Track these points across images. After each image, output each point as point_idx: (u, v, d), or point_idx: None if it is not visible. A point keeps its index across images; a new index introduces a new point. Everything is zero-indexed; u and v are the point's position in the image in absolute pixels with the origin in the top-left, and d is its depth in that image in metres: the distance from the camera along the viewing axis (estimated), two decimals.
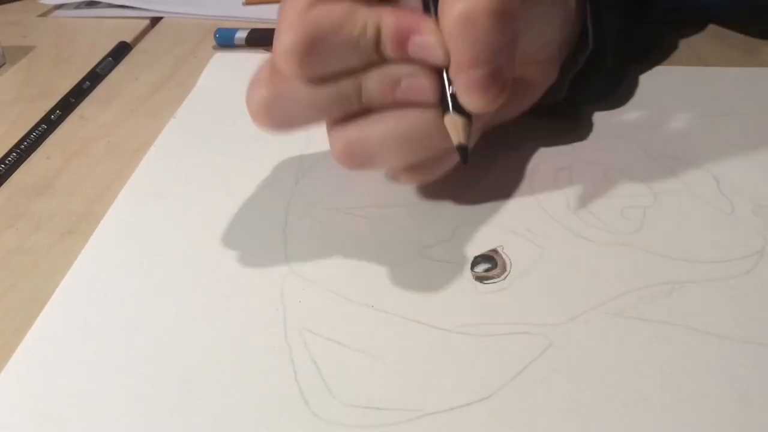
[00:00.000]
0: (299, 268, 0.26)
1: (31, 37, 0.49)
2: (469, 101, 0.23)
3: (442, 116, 0.24)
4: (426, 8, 0.24)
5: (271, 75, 0.24)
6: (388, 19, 0.23)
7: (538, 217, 0.28)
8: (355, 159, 0.25)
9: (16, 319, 0.24)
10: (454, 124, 0.24)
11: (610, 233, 0.27)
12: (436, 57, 0.23)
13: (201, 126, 0.35)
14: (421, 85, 0.24)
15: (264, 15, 0.50)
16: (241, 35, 0.45)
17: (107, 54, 0.44)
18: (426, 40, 0.23)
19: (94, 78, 0.41)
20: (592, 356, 0.22)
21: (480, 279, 0.25)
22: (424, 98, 0.24)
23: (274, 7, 0.50)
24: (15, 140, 0.35)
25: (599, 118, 0.34)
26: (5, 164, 0.33)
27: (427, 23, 0.23)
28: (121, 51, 0.45)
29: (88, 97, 0.40)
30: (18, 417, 0.21)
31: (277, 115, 0.24)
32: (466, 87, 0.23)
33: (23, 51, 0.46)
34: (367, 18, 0.23)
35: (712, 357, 0.22)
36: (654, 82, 0.38)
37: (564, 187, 0.30)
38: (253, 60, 0.40)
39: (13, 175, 0.33)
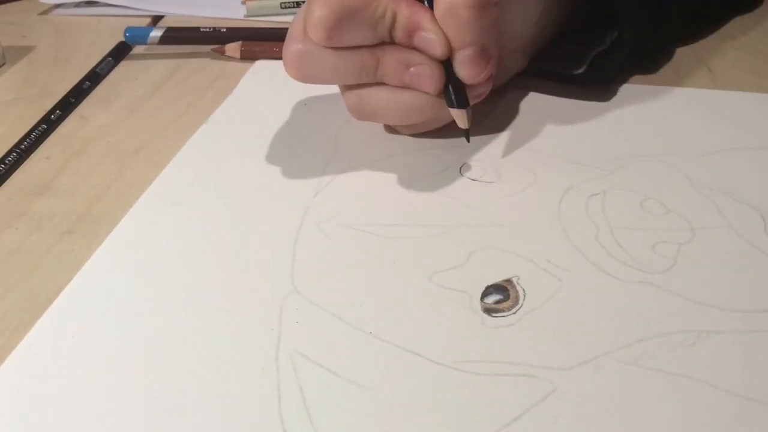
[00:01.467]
0: (303, 286, 0.25)
1: (31, 37, 0.49)
2: (464, 75, 0.29)
3: (442, 100, 0.30)
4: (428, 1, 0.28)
5: (306, 33, 0.28)
6: (403, 10, 0.28)
7: (562, 247, 0.26)
8: (362, 113, 0.31)
9: (15, 319, 0.24)
10: (458, 114, 0.30)
11: (637, 270, 0.25)
12: (435, 51, 0.28)
13: (231, 134, 0.35)
14: (426, 74, 0.28)
15: (262, 16, 0.50)
16: (156, 34, 0.44)
17: (107, 54, 0.44)
18: (429, 36, 0.28)
19: (94, 78, 0.41)
20: (597, 408, 0.20)
21: (488, 311, 0.24)
22: (426, 87, 0.29)
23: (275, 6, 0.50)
24: (15, 140, 0.35)
25: (641, 140, 0.33)
26: (5, 164, 0.33)
27: (430, 21, 0.28)
28: (121, 51, 0.45)
29: (88, 97, 0.40)
30: (15, 416, 0.21)
31: (305, 70, 0.29)
32: (460, 63, 0.28)
33: (23, 51, 0.46)
34: (387, 5, 0.27)
35: (730, 420, 0.20)
36: (706, 106, 0.35)
37: (594, 215, 0.28)
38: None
39: (13, 175, 0.33)
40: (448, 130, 0.33)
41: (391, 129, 0.34)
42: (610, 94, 0.37)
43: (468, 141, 0.31)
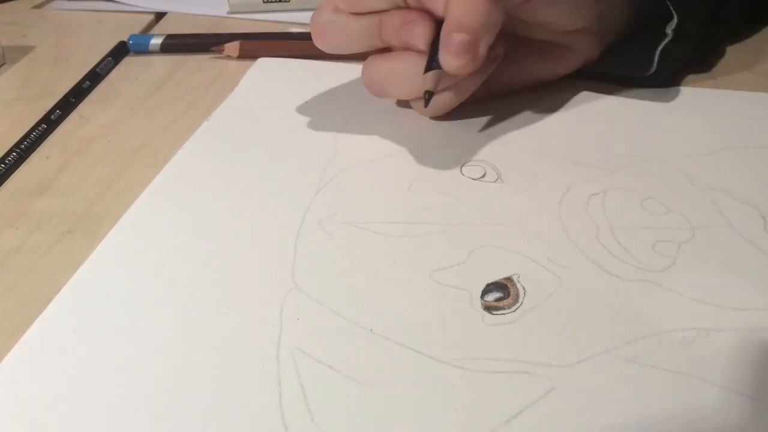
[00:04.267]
0: (304, 283, 0.25)
1: (31, 36, 0.49)
2: (444, 59, 0.29)
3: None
4: None
5: (329, 5, 0.31)
6: None
7: (562, 246, 0.26)
8: (373, 88, 0.33)
9: (15, 319, 0.24)
10: (427, 76, 0.30)
11: (637, 269, 0.25)
12: (438, 9, 0.29)
13: (233, 131, 0.35)
14: (417, 32, 0.30)
15: (257, 15, 0.50)
16: (156, 41, 0.45)
17: (107, 54, 0.44)
18: None
19: (94, 78, 0.41)
20: (596, 405, 0.20)
21: (489, 309, 0.24)
22: (416, 44, 0.30)
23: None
24: (15, 140, 0.35)
25: (641, 140, 0.33)
26: (5, 164, 0.33)
27: None
28: (121, 51, 0.45)
29: (88, 97, 0.40)
30: (15, 414, 0.21)
31: (327, 38, 0.32)
32: (445, 45, 0.29)
33: (23, 51, 0.46)
34: None
35: (729, 417, 0.20)
36: (706, 106, 0.35)
37: (595, 214, 0.28)
38: (297, 66, 0.41)
39: (13, 175, 0.33)
40: (462, 115, 0.34)
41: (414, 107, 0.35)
42: (611, 95, 0.37)
43: (425, 106, 0.31)
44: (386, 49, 0.32)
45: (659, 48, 0.34)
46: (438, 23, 0.29)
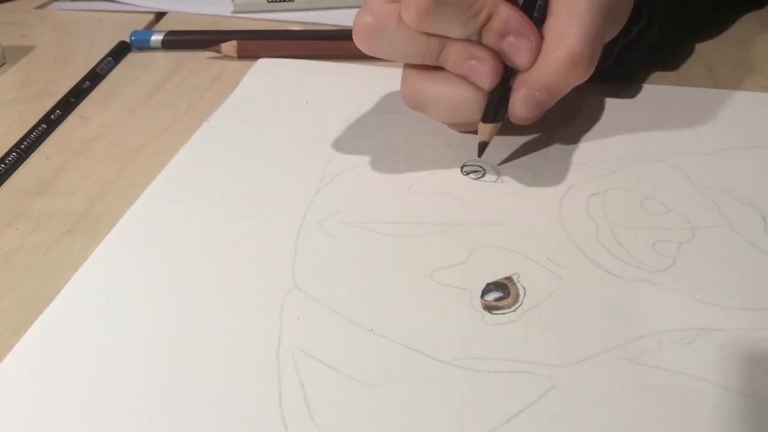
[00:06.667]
0: (304, 283, 0.25)
1: (31, 36, 0.49)
2: (517, 109, 0.29)
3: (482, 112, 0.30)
4: (527, 11, 0.28)
5: (381, 6, 0.28)
6: (503, 12, 0.27)
7: (562, 246, 0.26)
8: (412, 104, 0.31)
9: (15, 319, 0.24)
10: (486, 128, 0.30)
11: (637, 269, 0.25)
12: (520, 61, 0.28)
13: (234, 131, 0.35)
14: (485, 69, 0.28)
15: (257, 15, 0.50)
16: (157, 38, 0.45)
17: (107, 54, 0.44)
18: (524, 44, 0.28)
19: (94, 78, 0.41)
20: (596, 405, 0.20)
21: (489, 308, 0.24)
22: (480, 83, 0.29)
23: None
24: (15, 140, 0.35)
25: (641, 140, 0.33)
26: (5, 164, 0.33)
27: (533, 32, 0.28)
28: (121, 51, 0.45)
29: (88, 97, 0.40)
30: (15, 413, 0.21)
31: (372, 42, 0.29)
32: (523, 98, 0.28)
33: (23, 51, 0.46)
34: (486, 3, 0.27)
35: (729, 417, 0.20)
36: (706, 106, 0.35)
37: (595, 214, 0.28)
38: (298, 66, 0.41)
39: (13, 175, 0.33)
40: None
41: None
42: (611, 95, 0.37)
43: (479, 156, 0.31)
44: None
45: (618, 46, 0.34)
46: (506, 68, 0.29)
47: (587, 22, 0.27)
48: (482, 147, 0.31)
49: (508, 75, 0.29)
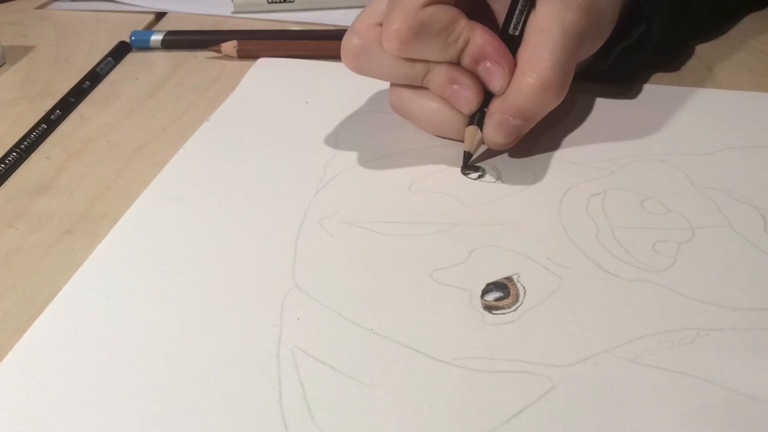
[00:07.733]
0: (304, 283, 0.25)
1: (31, 36, 0.49)
2: (491, 134, 0.30)
3: (467, 122, 0.31)
4: (503, 36, 0.29)
5: (367, 30, 0.30)
6: (479, 38, 0.29)
7: (562, 246, 0.26)
8: (398, 111, 0.33)
9: (15, 319, 0.24)
10: (470, 133, 0.31)
11: (637, 269, 0.25)
12: (494, 86, 0.29)
13: (234, 130, 0.35)
14: (466, 95, 0.30)
15: (256, 15, 0.50)
16: (157, 38, 0.45)
17: (107, 54, 0.44)
18: (493, 68, 0.29)
19: (94, 78, 0.41)
20: (596, 405, 0.20)
21: (489, 308, 0.24)
22: (462, 106, 0.30)
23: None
24: (15, 140, 0.35)
25: (641, 140, 0.33)
26: (5, 164, 0.33)
27: (499, 54, 0.29)
28: (121, 51, 0.45)
29: (88, 97, 0.40)
30: (15, 413, 0.21)
31: (359, 63, 0.30)
32: (497, 124, 0.29)
33: (23, 51, 0.46)
34: (463, 30, 0.29)
35: (729, 417, 0.20)
36: (706, 106, 0.35)
37: (595, 214, 0.28)
38: (298, 66, 0.41)
39: (13, 175, 0.33)
40: None
41: None
42: (611, 95, 0.37)
43: (463, 165, 0.31)
44: None
45: (618, 49, 0.35)
46: (486, 91, 0.30)
47: (558, 47, 0.28)
48: (467, 157, 0.31)
49: (488, 96, 0.30)
